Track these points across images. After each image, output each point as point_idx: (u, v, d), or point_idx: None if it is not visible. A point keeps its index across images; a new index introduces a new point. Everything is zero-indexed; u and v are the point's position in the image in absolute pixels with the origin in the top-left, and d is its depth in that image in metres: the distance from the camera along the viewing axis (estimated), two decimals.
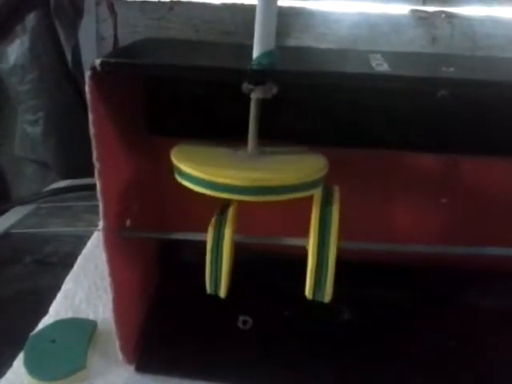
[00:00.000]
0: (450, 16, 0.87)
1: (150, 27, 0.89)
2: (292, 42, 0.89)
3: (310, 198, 0.30)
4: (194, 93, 0.37)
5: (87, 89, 0.26)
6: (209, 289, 0.31)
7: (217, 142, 0.32)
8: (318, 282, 0.29)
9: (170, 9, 0.89)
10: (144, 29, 0.89)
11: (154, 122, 0.37)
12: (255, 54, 0.27)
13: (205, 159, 0.30)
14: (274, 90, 0.29)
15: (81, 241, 0.52)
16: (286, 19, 0.89)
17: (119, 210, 0.32)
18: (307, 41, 0.90)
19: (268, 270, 0.40)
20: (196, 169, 0.28)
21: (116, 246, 0.31)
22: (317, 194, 0.30)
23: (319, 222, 0.29)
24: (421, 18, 0.87)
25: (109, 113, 0.28)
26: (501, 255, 0.32)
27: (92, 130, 0.27)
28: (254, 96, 0.29)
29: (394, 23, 0.87)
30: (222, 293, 0.31)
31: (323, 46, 0.89)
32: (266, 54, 0.27)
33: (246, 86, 0.28)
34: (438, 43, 0.87)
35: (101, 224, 0.29)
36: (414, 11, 0.87)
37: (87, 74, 0.26)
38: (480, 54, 0.84)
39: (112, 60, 0.26)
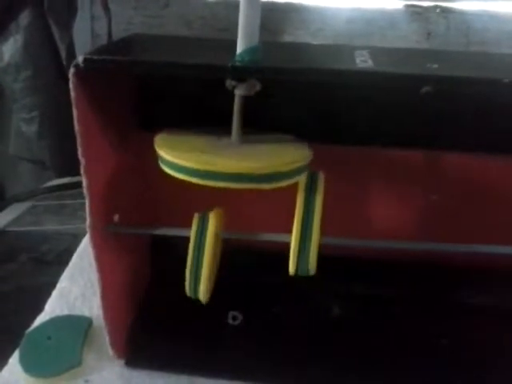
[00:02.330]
0: (445, 11, 0.86)
1: (144, 24, 0.89)
2: (288, 37, 0.89)
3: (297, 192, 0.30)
4: (183, 88, 0.37)
5: (71, 86, 0.26)
6: (188, 291, 0.31)
7: (201, 130, 0.32)
8: (301, 252, 0.29)
9: (165, 6, 0.89)
10: (138, 26, 0.89)
11: (144, 117, 0.37)
12: (239, 50, 0.27)
13: (187, 146, 0.30)
14: (258, 87, 0.29)
15: (77, 238, 0.52)
16: (282, 15, 0.89)
17: (106, 205, 0.32)
18: (303, 36, 0.90)
19: (257, 265, 0.40)
20: (178, 156, 0.28)
21: (104, 242, 0.31)
22: (301, 181, 0.30)
23: (304, 204, 0.29)
24: (416, 13, 0.87)
25: (94, 109, 0.28)
26: (491, 253, 0.32)
27: (76, 126, 0.27)
28: (237, 92, 0.29)
29: (389, 18, 0.87)
30: (202, 296, 0.30)
31: (319, 41, 0.89)
32: (249, 50, 0.27)
33: (229, 83, 0.28)
34: (433, 38, 0.87)
35: (87, 220, 0.29)
36: (408, 6, 0.87)
37: (71, 70, 0.26)
38: (474, 49, 0.83)
39: (95, 57, 0.26)
